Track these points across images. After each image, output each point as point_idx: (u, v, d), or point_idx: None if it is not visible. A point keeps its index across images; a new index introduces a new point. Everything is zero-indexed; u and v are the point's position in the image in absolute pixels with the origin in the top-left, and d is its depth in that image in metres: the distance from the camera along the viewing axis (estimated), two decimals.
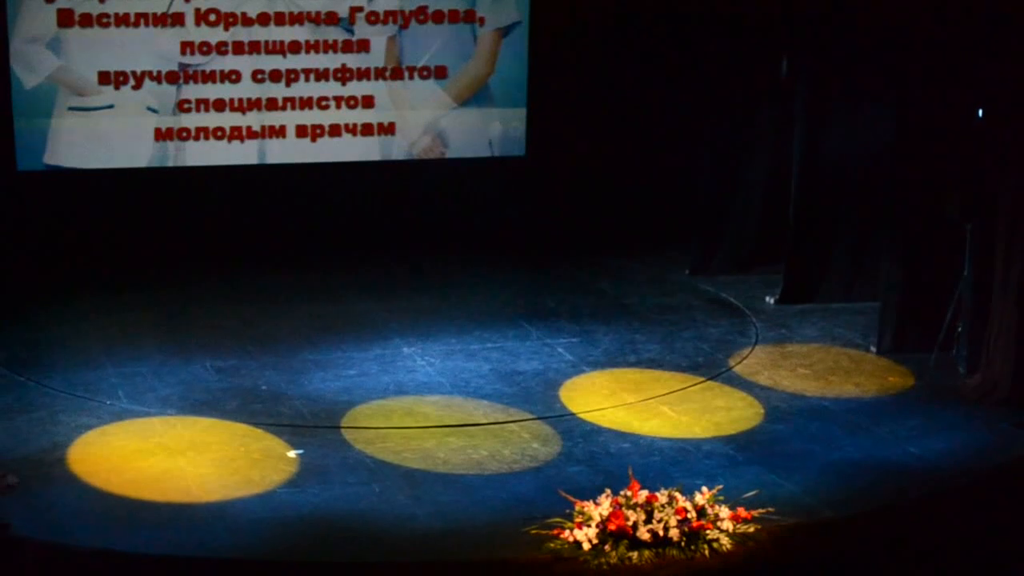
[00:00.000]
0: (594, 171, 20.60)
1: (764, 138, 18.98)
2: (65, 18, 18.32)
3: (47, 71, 18.41)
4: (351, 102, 19.77)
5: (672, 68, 19.96)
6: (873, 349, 16.16)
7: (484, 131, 20.47)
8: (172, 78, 18.94)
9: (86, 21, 18.39)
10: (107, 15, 18.46)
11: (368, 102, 19.85)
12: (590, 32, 20.27)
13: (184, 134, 19.08)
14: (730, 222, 19.31)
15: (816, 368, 15.61)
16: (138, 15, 18.61)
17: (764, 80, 18.72)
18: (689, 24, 19.46)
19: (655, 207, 20.34)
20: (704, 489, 11.52)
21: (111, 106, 18.73)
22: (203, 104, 19.11)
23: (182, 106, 19.04)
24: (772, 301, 17.91)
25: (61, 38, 18.41)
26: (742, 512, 11.37)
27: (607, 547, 10.99)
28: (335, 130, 19.80)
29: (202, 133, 19.16)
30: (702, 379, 15.17)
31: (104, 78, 18.64)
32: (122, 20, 18.53)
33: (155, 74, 18.85)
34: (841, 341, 16.56)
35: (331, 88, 19.69)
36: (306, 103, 19.57)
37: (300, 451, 13.03)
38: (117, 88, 18.74)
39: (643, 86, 20.22)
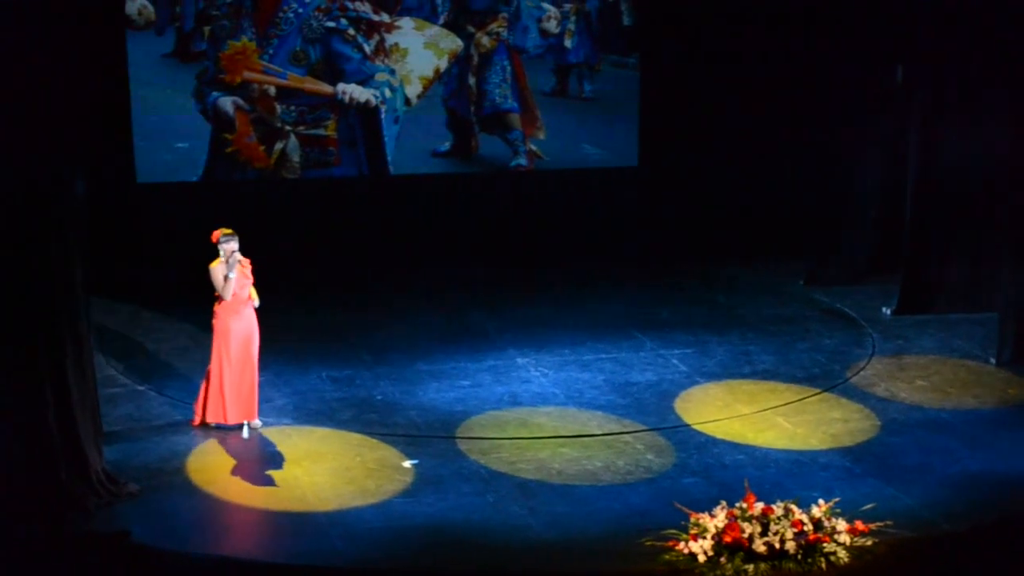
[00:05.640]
0: (707, 181, 20.52)
1: (879, 147, 18.79)
2: None
3: None
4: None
5: (786, 77, 19.81)
6: (992, 361, 15.93)
7: (597, 141, 20.52)
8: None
9: None
10: None
11: None
12: (702, 40, 20.19)
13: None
14: (845, 232, 19.14)
15: (934, 380, 15.42)
16: None
17: (879, 88, 18.56)
18: (803, 32, 19.33)
19: (769, 217, 20.20)
20: (821, 502, 11.41)
21: None
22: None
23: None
24: (889, 312, 17.72)
25: None
26: (859, 525, 11.25)
27: (723, 559, 10.93)
28: None
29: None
30: (818, 390, 15.04)
31: None
32: None
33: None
34: (959, 353, 16.35)
35: None
36: None
37: (415, 461, 13.09)
38: None
39: (757, 94, 20.09)
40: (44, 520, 11.59)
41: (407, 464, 13.07)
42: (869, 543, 11.18)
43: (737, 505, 11.32)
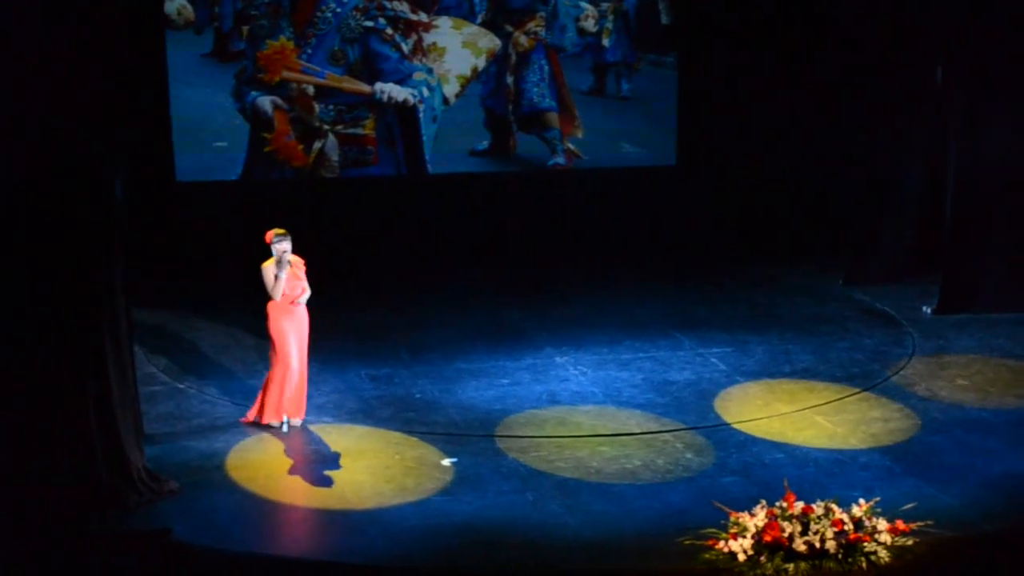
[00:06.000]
0: (745, 179, 20.47)
1: (918, 146, 18.70)
2: None
3: None
4: None
5: (825, 76, 19.74)
6: None
7: (635, 140, 20.51)
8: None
9: None
10: None
11: None
12: (740, 39, 20.14)
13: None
14: (885, 231, 19.06)
15: (975, 379, 15.33)
16: None
17: (919, 87, 18.48)
18: (842, 32, 19.26)
19: (808, 215, 20.13)
20: (861, 501, 11.36)
21: None
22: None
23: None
24: (929, 311, 17.64)
25: None
26: (900, 525, 11.19)
27: (762, 559, 10.89)
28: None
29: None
30: (857, 390, 14.98)
31: None
32: None
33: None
34: (1000, 352, 16.25)
35: None
36: None
37: (454, 459, 13.10)
38: None
39: (795, 93, 20.02)
40: (85, 517, 11.65)
41: (446, 462, 13.07)
42: (910, 543, 11.12)
43: (777, 504, 11.28)
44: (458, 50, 19.82)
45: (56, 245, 11.74)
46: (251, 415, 13.86)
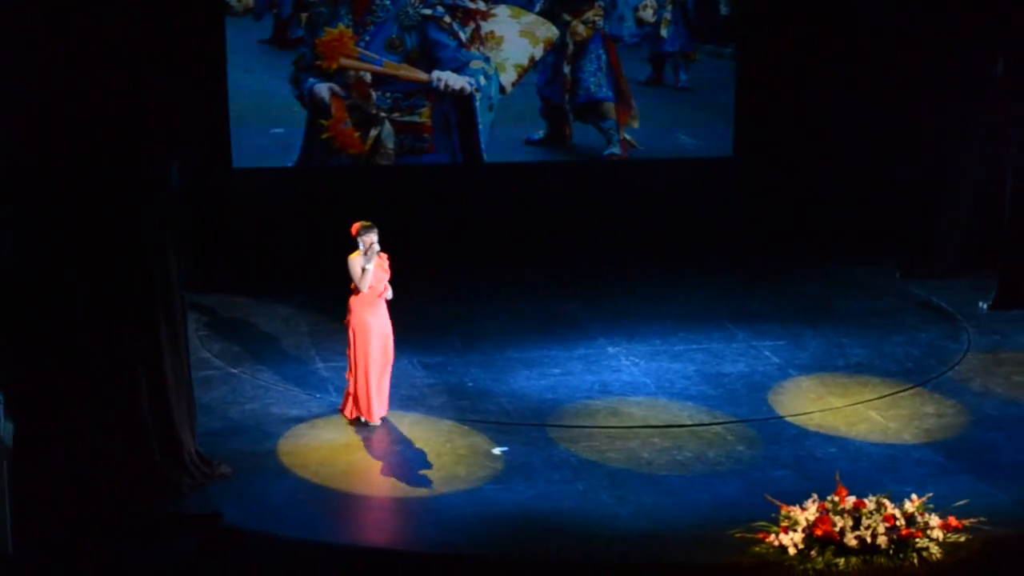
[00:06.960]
0: (802, 171, 20.34)
1: (977, 139, 18.54)
2: None
3: None
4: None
5: (884, 68, 19.60)
6: None
7: (692, 131, 20.44)
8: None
9: None
10: None
11: None
12: (799, 30, 20.01)
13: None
14: (942, 225, 18.91)
15: None
16: None
17: (979, 80, 18.32)
18: (901, 23, 19.11)
19: (865, 208, 19.97)
20: (913, 496, 11.29)
21: None
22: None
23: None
24: (985, 306, 17.50)
25: None
26: (952, 521, 11.11)
27: (813, 552, 10.85)
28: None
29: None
30: (912, 385, 14.89)
31: None
32: None
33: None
34: None
35: None
36: None
37: (505, 448, 13.12)
38: None
39: (854, 85, 19.89)
40: (138, 500, 11.73)
41: (497, 451, 13.10)
42: (962, 539, 11.05)
43: (829, 498, 11.23)
44: (516, 39, 19.79)
45: (112, 231, 11.81)
46: (349, 411, 13.80)
